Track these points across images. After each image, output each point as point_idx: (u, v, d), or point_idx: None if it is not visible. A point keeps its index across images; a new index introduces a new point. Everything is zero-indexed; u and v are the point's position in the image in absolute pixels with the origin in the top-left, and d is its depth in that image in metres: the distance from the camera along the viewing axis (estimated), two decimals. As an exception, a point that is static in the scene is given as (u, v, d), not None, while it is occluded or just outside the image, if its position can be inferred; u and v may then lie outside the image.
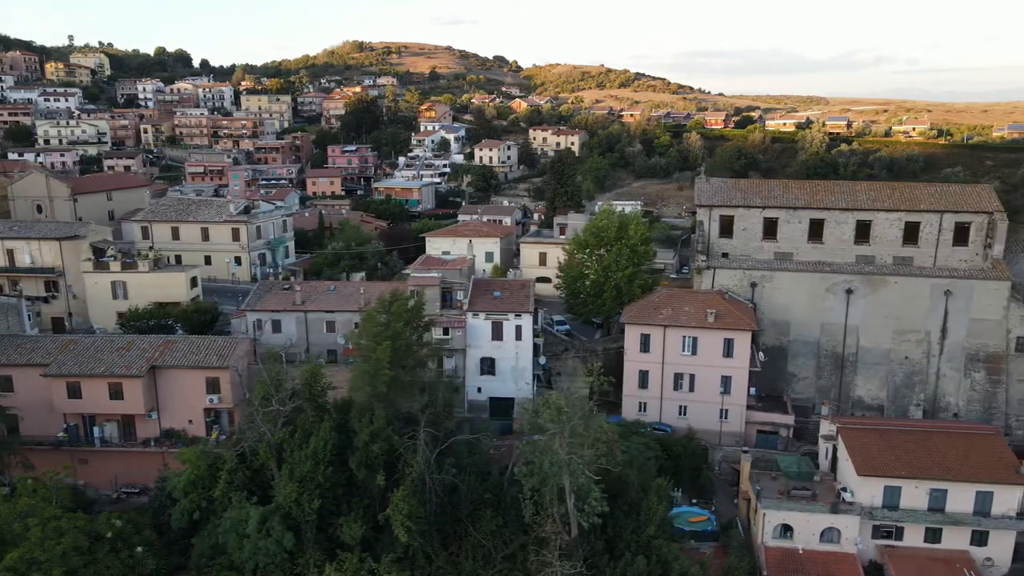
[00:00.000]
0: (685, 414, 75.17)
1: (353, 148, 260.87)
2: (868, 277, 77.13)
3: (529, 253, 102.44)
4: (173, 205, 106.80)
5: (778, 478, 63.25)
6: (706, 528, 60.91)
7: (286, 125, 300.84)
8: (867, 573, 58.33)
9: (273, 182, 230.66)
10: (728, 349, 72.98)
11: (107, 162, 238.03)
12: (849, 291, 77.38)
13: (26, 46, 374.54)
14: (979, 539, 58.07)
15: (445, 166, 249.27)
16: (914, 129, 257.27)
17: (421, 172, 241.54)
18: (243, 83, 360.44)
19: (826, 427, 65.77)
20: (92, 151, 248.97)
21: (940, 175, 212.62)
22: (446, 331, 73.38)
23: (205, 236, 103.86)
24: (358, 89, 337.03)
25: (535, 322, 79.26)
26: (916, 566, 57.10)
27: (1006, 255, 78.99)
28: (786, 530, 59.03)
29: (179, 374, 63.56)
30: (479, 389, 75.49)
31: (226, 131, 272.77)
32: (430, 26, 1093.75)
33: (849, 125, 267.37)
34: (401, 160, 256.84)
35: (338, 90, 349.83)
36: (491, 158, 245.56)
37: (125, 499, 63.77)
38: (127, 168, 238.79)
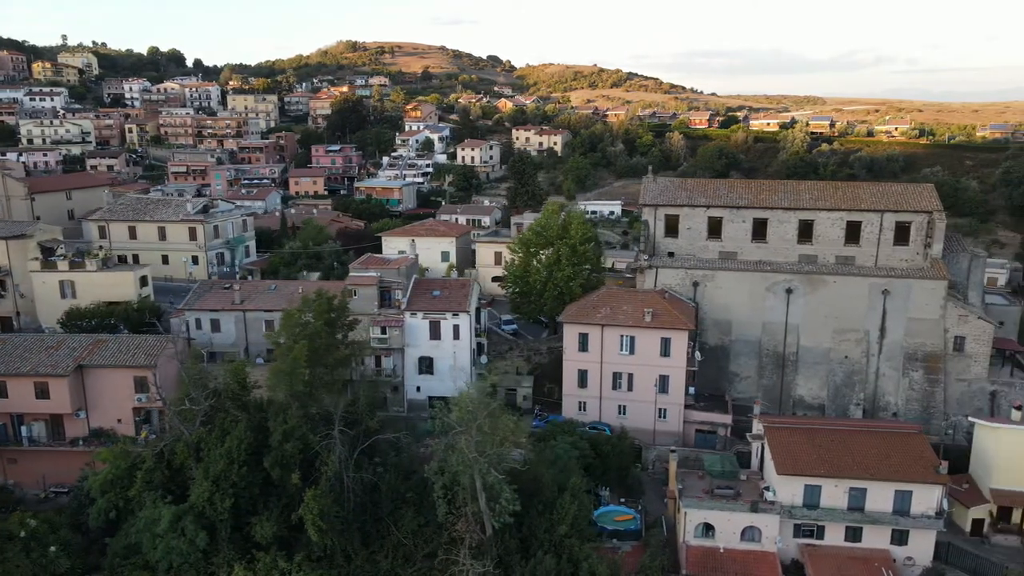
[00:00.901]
0: (625, 413, 75.30)
1: (337, 148, 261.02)
2: (808, 276, 77.18)
3: (484, 252, 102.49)
4: (131, 205, 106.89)
5: (704, 477, 63.39)
6: (629, 527, 60.95)
7: (272, 125, 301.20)
8: (789, 572, 58.47)
9: (256, 181, 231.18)
10: (665, 348, 73.08)
11: (90, 161, 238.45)
12: (789, 290, 77.44)
13: (17, 45, 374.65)
14: (899, 538, 58.12)
15: (428, 166, 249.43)
16: (896, 129, 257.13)
17: (404, 172, 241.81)
18: (231, 83, 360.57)
19: (756, 426, 65.86)
20: (76, 150, 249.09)
21: (919, 175, 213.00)
22: (384, 330, 73.54)
23: (162, 235, 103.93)
24: (345, 89, 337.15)
25: (478, 321, 79.49)
26: (835, 565, 57.11)
27: (948, 255, 79.06)
28: (708, 529, 59.07)
29: (107, 373, 63.71)
30: (418, 388, 75.65)
31: (210, 131, 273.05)
32: (430, 26, 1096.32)
33: (832, 125, 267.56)
34: (385, 160, 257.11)
35: (325, 90, 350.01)
36: (473, 158, 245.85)
37: (54, 499, 63.87)
38: (110, 168, 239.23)
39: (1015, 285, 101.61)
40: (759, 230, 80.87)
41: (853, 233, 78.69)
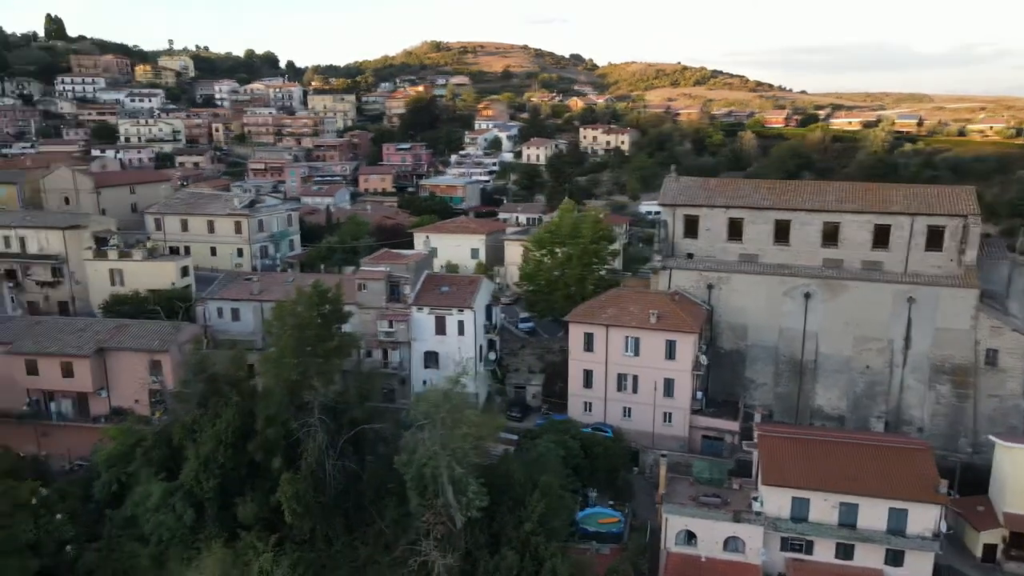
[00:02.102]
0: (629, 416, 74.33)
1: (407, 146, 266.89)
2: (827, 281, 74.03)
3: (513, 250, 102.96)
4: (184, 199, 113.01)
5: (695, 484, 61.96)
6: (611, 530, 60.26)
7: (350, 124, 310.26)
8: (774, 586, 56.58)
9: (328, 179, 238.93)
10: (670, 351, 71.69)
11: (179, 159, 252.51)
12: (807, 295, 74.49)
13: (125, 50, 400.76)
14: (895, 559, 55.21)
15: (494, 164, 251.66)
16: (991, 128, 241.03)
17: (471, 170, 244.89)
18: (313, 83, 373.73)
19: (757, 435, 63.83)
20: (168, 148, 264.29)
21: (1013, 176, 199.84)
22: (391, 324, 75.20)
23: (211, 229, 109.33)
24: (421, 88, 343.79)
25: (488, 318, 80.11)
26: (821, 582, 54.87)
27: (987, 262, 74.25)
28: (691, 537, 57.80)
29: (126, 356, 67.90)
30: (424, 382, 76.75)
31: (289, 130, 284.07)
32: (524, 26, 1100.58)
33: (920, 123, 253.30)
34: (453, 158, 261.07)
35: (400, 90, 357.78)
36: (538, 156, 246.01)
37: (78, 471, 68.54)
38: (196, 164, 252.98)
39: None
40: (781, 232, 77.99)
41: (881, 237, 74.84)
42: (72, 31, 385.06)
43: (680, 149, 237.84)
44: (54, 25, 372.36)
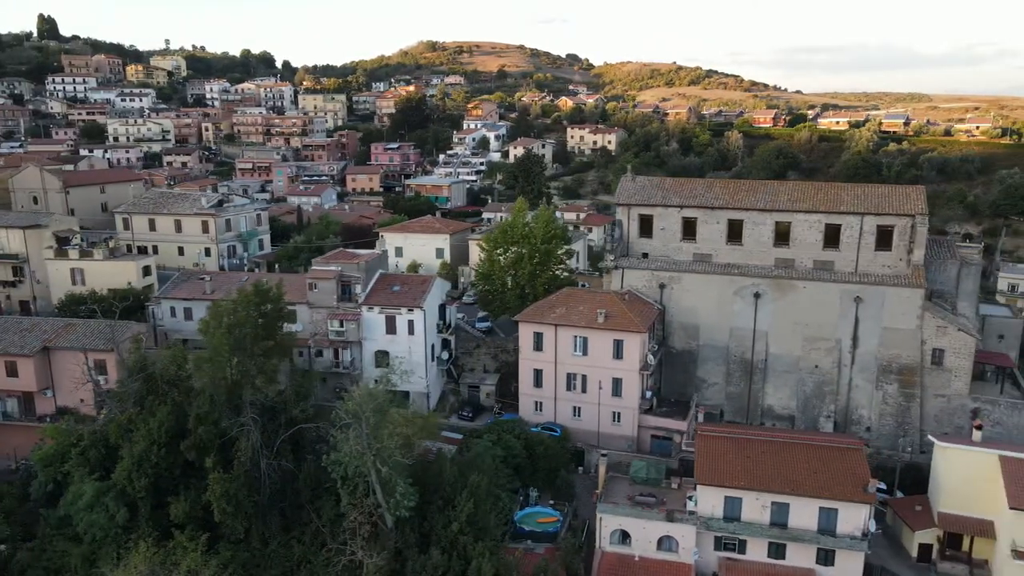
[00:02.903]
0: (579, 415, 74.33)
1: (395, 146, 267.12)
2: (776, 281, 73.96)
3: (476, 250, 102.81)
4: (153, 198, 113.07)
5: (634, 483, 61.92)
6: (547, 529, 60.26)
7: (340, 123, 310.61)
8: (708, 586, 56.55)
9: (315, 178, 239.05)
10: (618, 351, 71.65)
11: (166, 158, 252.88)
12: (757, 295, 74.43)
13: (118, 49, 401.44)
14: (826, 558, 55.17)
15: (482, 164, 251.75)
16: (977, 128, 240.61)
17: (458, 170, 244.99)
18: (304, 83, 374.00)
19: (695, 434, 63.77)
20: (156, 148, 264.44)
21: (994, 176, 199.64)
22: (341, 323, 75.25)
23: (178, 228, 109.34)
24: (412, 88, 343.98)
25: (442, 318, 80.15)
26: (752, 582, 54.83)
27: (936, 262, 74.14)
28: (625, 536, 57.79)
29: (70, 355, 67.92)
30: (376, 381, 76.79)
31: (278, 129, 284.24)
32: (530, 26, 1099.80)
33: (907, 123, 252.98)
34: (441, 158, 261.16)
35: (391, 90, 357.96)
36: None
37: (24, 471, 68.55)
38: (184, 164, 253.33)
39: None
40: (735, 232, 77.91)
41: (832, 237, 74.74)
42: (71, 31, 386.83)
43: (666, 149, 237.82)
44: (47, 25, 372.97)
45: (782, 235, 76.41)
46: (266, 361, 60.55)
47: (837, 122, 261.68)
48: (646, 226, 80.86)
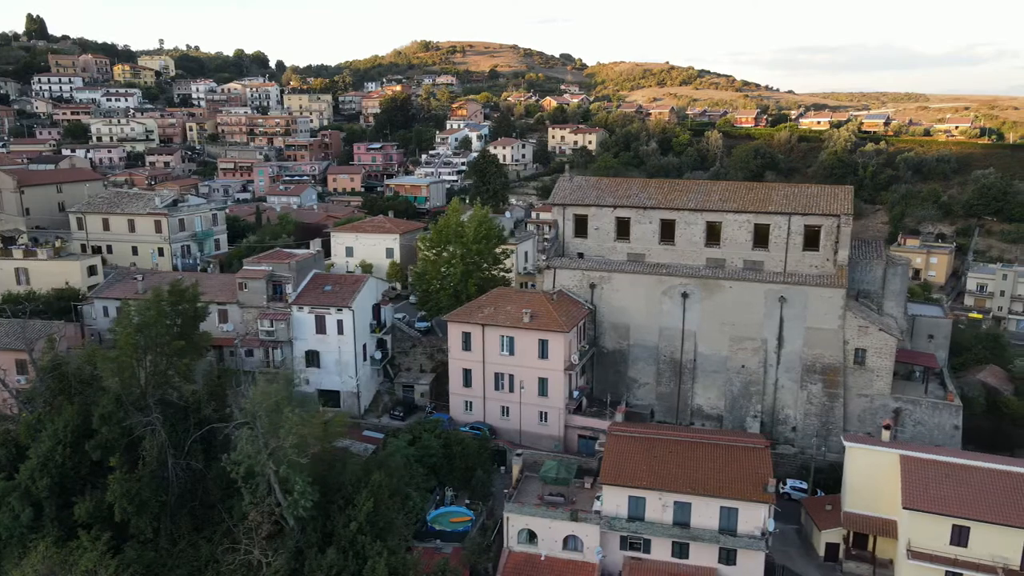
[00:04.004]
0: (508, 415, 74.51)
1: (378, 146, 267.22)
2: (703, 281, 74.00)
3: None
4: (107, 198, 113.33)
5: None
6: (458, 529, 60.42)
7: (326, 123, 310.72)
8: (613, 585, 56.65)
9: (296, 178, 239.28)
10: (543, 350, 71.80)
11: (149, 158, 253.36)
12: (685, 295, 74.49)
13: (108, 49, 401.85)
14: (727, 557, 55.25)
15: (463, 164, 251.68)
16: (956, 128, 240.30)
17: (439, 170, 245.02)
18: (291, 83, 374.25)
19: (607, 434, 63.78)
20: (140, 147, 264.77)
21: (970, 177, 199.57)
22: (271, 323, 75.42)
23: (131, 227, 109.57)
24: (398, 88, 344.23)
25: (376, 318, 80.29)
26: (654, 581, 54.94)
27: (862, 262, 74.19)
28: (532, 535, 57.92)
29: (-9, 355, 68.14)
30: (307, 381, 77.06)
31: (261, 129, 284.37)
32: (529, 25, 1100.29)
33: (887, 123, 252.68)
34: (424, 158, 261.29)
35: (377, 90, 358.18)
36: (505, 156, 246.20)
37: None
38: (166, 164, 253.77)
39: None
40: (667, 232, 77.98)
41: (761, 237, 74.83)
42: (67, 31, 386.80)
43: (645, 149, 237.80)
44: (35, 25, 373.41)
45: (713, 235, 76.49)
46: (178, 361, 60.68)
47: (818, 122, 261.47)
48: (581, 226, 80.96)
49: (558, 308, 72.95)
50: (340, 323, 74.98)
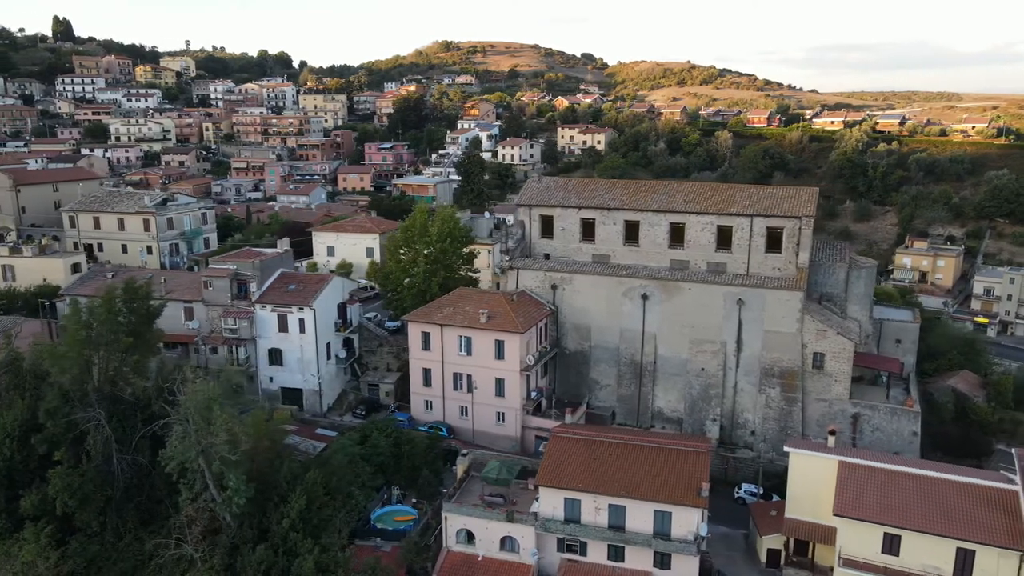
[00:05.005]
0: (466, 415, 74.66)
1: (389, 146, 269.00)
2: (663, 283, 73.46)
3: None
4: (99, 197, 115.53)
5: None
6: (399, 528, 60.67)
7: (340, 123, 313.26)
8: (549, 587, 56.50)
9: (307, 177, 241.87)
10: (500, 351, 71.81)
11: (164, 157, 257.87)
12: (645, 296, 74.00)
13: (134, 51, 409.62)
14: (662, 561, 54.82)
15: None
16: (972, 128, 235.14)
17: (448, 169, 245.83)
18: (308, 83, 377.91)
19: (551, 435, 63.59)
20: (157, 147, 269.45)
21: (983, 178, 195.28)
22: (235, 321, 76.37)
23: (121, 226, 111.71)
24: (413, 88, 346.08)
25: (341, 316, 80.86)
26: (588, 584, 54.70)
27: (824, 265, 73.09)
28: (471, 536, 57.98)
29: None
30: (271, 379, 78.09)
31: (275, 129, 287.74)
32: (550, 25, 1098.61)
33: (902, 123, 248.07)
34: (433, 157, 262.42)
35: (392, 90, 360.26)
36: (513, 156, 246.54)
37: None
38: (181, 163, 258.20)
39: None
40: (631, 233, 77.57)
41: (724, 238, 74.11)
42: (95, 32, 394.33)
43: (654, 149, 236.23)
44: (61, 27, 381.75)
45: (677, 237, 75.91)
46: (128, 357, 61.64)
47: (832, 122, 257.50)
48: (547, 227, 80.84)
49: (516, 309, 72.88)
50: (302, 322, 75.67)
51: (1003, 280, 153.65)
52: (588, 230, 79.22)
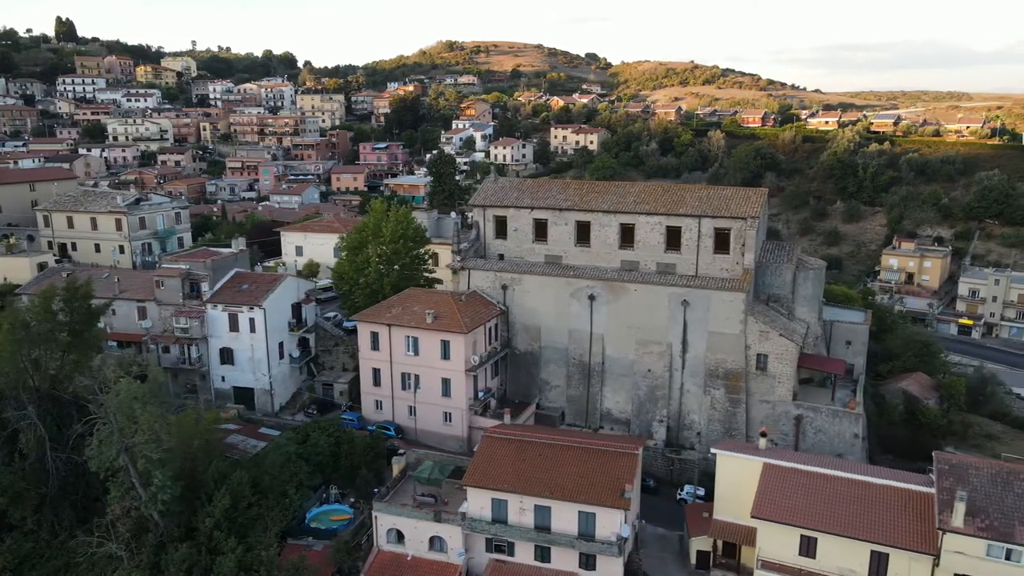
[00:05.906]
0: (415, 414, 74.82)
1: (383, 145, 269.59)
2: (609, 284, 73.33)
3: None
4: (74, 196, 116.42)
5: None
6: (333, 527, 60.87)
7: (337, 123, 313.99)
8: (477, 587, 56.56)
9: (300, 177, 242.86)
10: (445, 351, 71.90)
11: (161, 157, 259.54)
12: (592, 297, 73.92)
13: (137, 51, 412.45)
14: (587, 562, 54.71)
15: (465, 164, 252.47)
16: (967, 128, 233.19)
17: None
18: (307, 83, 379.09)
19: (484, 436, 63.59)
20: (154, 147, 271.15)
21: (974, 178, 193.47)
22: (186, 320, 76.83)
23: (94, 225, 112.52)
24: (411, 88, 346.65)
25: (296, 316, 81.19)
26: (513, 584, 54.72)
27: (771, 265, 72.77)
28: (401, 535, 58.12)
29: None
30: (223, 378, 78.51)
31: (271, 129, 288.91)
32: (564, 25, 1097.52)
33: (896, 123, 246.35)
34: (428, 157, 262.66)
35: (388, 90, 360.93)
36: (505, 156, 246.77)
37: None
38: (177, 163, 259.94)
39: None
40: (583, 234, 77.51)
41: (673, 239, 73.94)
42: (99, 33, 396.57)
43: (645, 149, 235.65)
44: (64, 27, 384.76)
45: (627, 237, 75.80)
46: (67, 356, 62.20)
47: (826, 122, 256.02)
48: (501, 227, 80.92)
49: (463, 309, 72.95)
50: (252, 321, 76.01)
51: (988, 281, 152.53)
52: (541, 231, 79.25)
